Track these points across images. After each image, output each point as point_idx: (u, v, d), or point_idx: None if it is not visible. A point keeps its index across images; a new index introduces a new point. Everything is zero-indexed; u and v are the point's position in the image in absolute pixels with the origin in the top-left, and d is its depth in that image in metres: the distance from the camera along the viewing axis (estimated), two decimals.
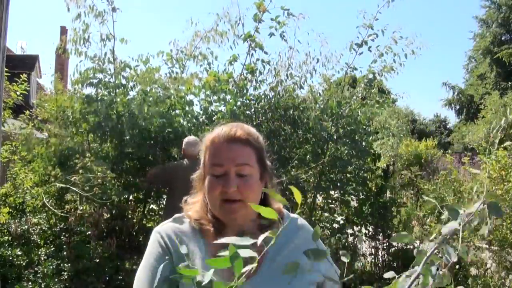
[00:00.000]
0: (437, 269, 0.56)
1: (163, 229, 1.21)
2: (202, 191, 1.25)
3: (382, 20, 5.26)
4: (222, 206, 1.18)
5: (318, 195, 5.23)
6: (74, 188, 4.31)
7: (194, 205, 1.27)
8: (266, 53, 5.09)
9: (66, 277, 4.08)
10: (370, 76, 5.36)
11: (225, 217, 1.20)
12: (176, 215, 1.27)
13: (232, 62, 5.17)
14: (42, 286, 3.94)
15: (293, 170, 4.80)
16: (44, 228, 4.66)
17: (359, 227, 5.29)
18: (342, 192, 5.11)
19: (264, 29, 5.06)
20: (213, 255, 1.10)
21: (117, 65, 5.09)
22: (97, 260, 4.30)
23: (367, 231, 5.37)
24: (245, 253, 0.60)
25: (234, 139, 1.20)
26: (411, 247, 5.41)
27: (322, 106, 5.25)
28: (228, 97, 5.06)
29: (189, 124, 5.25)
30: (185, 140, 4.46)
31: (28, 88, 5.98)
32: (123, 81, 5.13)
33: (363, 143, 5.21)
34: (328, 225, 5.05)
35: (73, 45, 4.98)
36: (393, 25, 5.23)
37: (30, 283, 3.97)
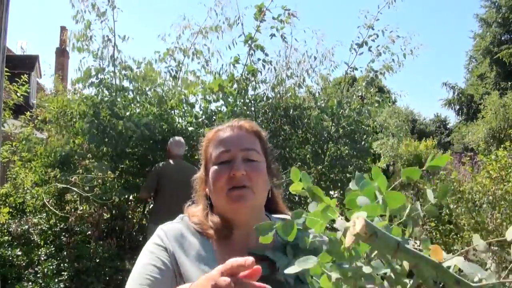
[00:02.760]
0: None
1: (168, 228, 1.13)
2: (203, 195, 1.17)
3: (383, 20, 5.29)
4: (229, 195, 1.07)
5: None
6: (75, 189, 4.31)
7: (195, 212, 1.17)
8: (267, 54, 5.09)
9: (66, 277, 4.08)
10: (369, 75, 5.37)
11: (232, 209, 1.08)
12: (182, 215, 1.19)
13: (235, 64, 5.16)
14: (42, 286, 3.94)
15: None
16: (44, 228, 4.66)
17: None
18: (342, 192, 5.12)
19: (264, 29, 5.06)
20: (221, 261, 0.97)
21: (120, 65, 5.10)
22: (97, 260, 4.30)
23: None
24: None
25: (239, 126, 1.16)
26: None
27: (322, 105, 5.26)
28: (229, 98, 5.07)
29: (188, 125, 5.25)
30: (171, 140, 4.32)
31: (28, 90, 5.99)
32: (124, 82, 5.14)
33: (363, 143, 5.21)
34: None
35: (76, 41, 4.98)
36: (393, 25, 5.25)
37: (30, 283, 3.97)
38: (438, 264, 0.54)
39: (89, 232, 4.60)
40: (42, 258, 4.27)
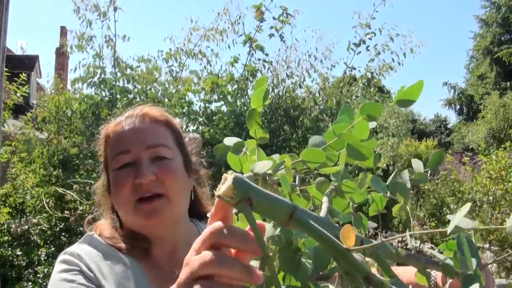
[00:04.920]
0: None
1: (80, 250, 0.89)
2: (108, 207, 0.95)
3: (381, 19, 5.28)
4: (138, 209, 0.83)
5: None
6: (72, 194, 4.31)
7: (104, 226, 0.96)
8: (267, 54, 5.08)
9: None
10: (369, 75, 5.37)
11: (145, 226, 0.85)
12: (88, 235, 0.96)
13: (234, 64, 5.16)
14: (42, 286, 3.94)
15: (293, 170, 4.79)
16: (44, 228, 4.66)
17: None
18: None
19: (263, 28, 5.05)
20: (152, 279, 0.84)
21: (120, 65, 5.10)
22: None
23: (367, 231, 5.38)
24: None
25: (143, 116, 0.90)
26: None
27: (321, 106, 5.26)
28: (229, 97, 5.07)
29: (188, 124, 5.25)
30: (189, 135, 4.38)
31: (28, 90, 5.98)
32: (125, 82, 5.13)
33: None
34: None
35: (78, 40, 4.98)
36: (391, 24, 5.25)
37: (30, 283, 3.97)
38: (344, 250, 0.40)
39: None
40: (42, 258, 4.27)
